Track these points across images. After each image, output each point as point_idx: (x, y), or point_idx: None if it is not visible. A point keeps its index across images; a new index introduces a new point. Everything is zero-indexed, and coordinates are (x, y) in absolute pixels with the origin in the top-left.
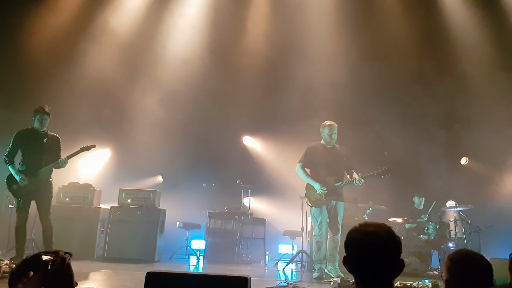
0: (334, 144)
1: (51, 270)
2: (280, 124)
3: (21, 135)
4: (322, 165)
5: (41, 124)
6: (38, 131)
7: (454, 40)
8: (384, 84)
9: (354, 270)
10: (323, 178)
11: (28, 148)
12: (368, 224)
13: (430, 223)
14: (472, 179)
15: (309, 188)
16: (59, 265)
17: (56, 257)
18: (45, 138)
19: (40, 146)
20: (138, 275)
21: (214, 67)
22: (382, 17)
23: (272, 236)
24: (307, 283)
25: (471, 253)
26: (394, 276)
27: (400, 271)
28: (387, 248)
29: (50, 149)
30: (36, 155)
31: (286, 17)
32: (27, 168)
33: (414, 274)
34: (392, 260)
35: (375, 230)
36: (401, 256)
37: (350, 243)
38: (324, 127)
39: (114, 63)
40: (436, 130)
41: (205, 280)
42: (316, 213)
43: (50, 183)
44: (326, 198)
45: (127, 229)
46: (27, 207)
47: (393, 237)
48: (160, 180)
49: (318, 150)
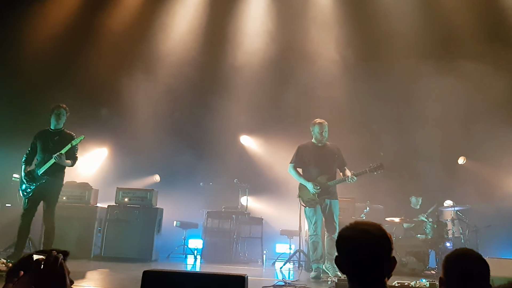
0: (325, 142)
1: (43, 270)
2: (278, 123)
3: (37, 136)
4: (314, 164)
5: (57, 121)
6: (51, 130)
7: (452, 39)
8: (381, 83)
9: (346, 268)
10: (315, 178)
11: (40, 148)
12: (359, 223)
13: (427, 223)
14: (469, 179)
15: (302, 188)
16: (51, 265)
17: (48, 257)
18: (57, 136)
19: (48, 145)
20: (135, 274)
21: (212, 66)
22: (380, 17)
23: (270, 236)
24: (304, 283)
25: (468, 252)
26: (386, 274)
27: (392, 268)
28: (378, 245)
29: (57, 147)
30: (43, 154)
31: (284, 16)
32: (35, 168)
33: (412, 274)
34: (383, 257)
35: (366, 228)
36: (393, 254)
37: (341, 241)
38: (314, 125)
39: (111, 61)
40: (434, 129)
41: (202, 279)
42: (310, 213)
43: (56, 183)
44: (319, 198)
45: (124, 228)
46: (33, 208)
47: (384, 234)
48: (157, 179)
49: (309, 149)
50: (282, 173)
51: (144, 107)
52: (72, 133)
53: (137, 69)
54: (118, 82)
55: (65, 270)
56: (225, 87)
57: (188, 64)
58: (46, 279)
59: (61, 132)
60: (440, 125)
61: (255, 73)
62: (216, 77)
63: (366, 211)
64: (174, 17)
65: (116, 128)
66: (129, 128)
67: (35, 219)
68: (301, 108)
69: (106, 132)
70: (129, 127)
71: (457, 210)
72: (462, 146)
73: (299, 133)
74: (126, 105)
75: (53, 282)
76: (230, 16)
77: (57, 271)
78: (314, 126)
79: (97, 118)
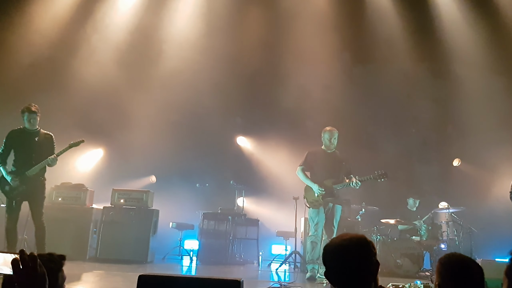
0: (334, 150)
1: (21, 270)
2: (274, 125)
3: (12, 135)
4: (322, 169)
5: (30, 123)
6: (29, 130)
7: (447, 42)
8: (377, 86)
9: (334, 279)
10: (322, 181)
11: (19, 148)
12: (340, 234)
13: (422, 225)
14: (464, 181)
15: (308, 190)
16: (28, 264)
17: (23, 255)
18: (37, 136)
19: (30, 145)
20: (130, 276)
21: (208, 68)
22: (375, 19)
23: (266, 237)
24: (300, 284)
25: (462, 257)
26: (370, 278)
27: (376, 271)
28: (356, 246)
29: (41, 148)
30: (26, 155)
31: (280, 18)
32: (18, 168)
33: (406, 276)
34: (363, 258)
35: (343, 236)
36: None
37: (324, 254)
38: (324, 132)
39: (107, 62)
40: (429, 131)
41: (197, 283)
42: (313, 214)
43: (42, 183)
44: (323, 200)
45: (120, 230)
46: (18, 208)
47: (360, 237)
48: (153, 180)
49: (318, 155)
50: (279, 175)
51: (140, 108)
52: (50, 133)
53: (133, 70)
54: (113, 82)
55: (43, 269)
56: (221, 88)
57: (185, 65)
58: (24, 278)
59: (39, 132)
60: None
61: (251, 74)
62: (213, 78)
63: (361, 213)
64: (172, 16)
65: (111, 128)
66: (125, 129)
67: (28, 220)
68: (297, 109)
69: (102, 133)
70: (125, 128)
71: (451, 212)
72: (457, 148)
73: (295, 135)
74: (122, 105)
75: (33, 281)
76: (226, 18)
77: (36, 270)
78: (325, 133)
79: (92, 119)
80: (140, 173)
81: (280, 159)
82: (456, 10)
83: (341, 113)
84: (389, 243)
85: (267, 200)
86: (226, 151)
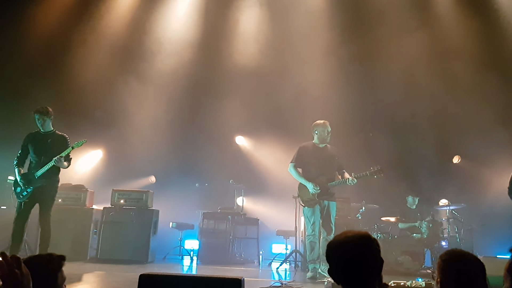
0: (326, 144)
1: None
2: (273, 123)
3: (28, 138)
4: (314, 165)
5: (41, 125)
6: (42, 132)
7: (444, 39)
8: (374, 83)
9: (338, 277)
10: (315, 178)
11: (32, 150)
12: (343, 232)
13: (423, 222)
14: (464, 178)
15: (302, 187)
16: (11, 265)
17: (4, 257)
18: (49, 139)
19: (41, 147)
20: (131, 276)
21: (206, 67)
22: (372, 17)
23: (266, 236)
24: (300, 283)
25: (463, 253)
26: (374, 275)
27: (379, 269)
28: (359, 244)
29: (52, 149)
30: (37, 157)
31: (277, 17)
32: (30, 170)
33: (407, 273)
34: (367, 256)
35: (347, 233)
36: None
37: (328, 251)
38: (318, 126)
39: (105, 63)
40: (428, 129)
41: (198, 282)
42: (309, 213)
43: (52, 185)
44: (318, 198)
45: (120, 230)
46: (27, 210)
47: (364, 234)
48: (152, 181)
49: (310, 150)
50: (278, 173)
51: (139, 108)
52: (64, 135)
53: (132, 71)
54: (112, 82)
55: (26, 270)
56: (220, 87)
57: (183, 65)
58: (8, 279)
59: (53, 134)
60: (435, 124)
61: (250, 73)
62: (211, 78)
63: (361, 211)
64: (169, 16)
65: (111, 129)
66: (124, 129)
67: (30, 222)
68: (296, 108)
69: (101, 134)
70: (124, 128)
71: (452, 209)
72: (456, 145)
73: (294, 133)
74: (121, 106)
75: (16, 281)
76: (224, 18)
77: (20, 270)
78: (318, 127)
79: (91, 120)
80: (139, 173)
81: (279, 158)
82: (454, 7)
83: (339, 111)
84: (389, 241)
85: (267, 199)
86: (225, 151)
